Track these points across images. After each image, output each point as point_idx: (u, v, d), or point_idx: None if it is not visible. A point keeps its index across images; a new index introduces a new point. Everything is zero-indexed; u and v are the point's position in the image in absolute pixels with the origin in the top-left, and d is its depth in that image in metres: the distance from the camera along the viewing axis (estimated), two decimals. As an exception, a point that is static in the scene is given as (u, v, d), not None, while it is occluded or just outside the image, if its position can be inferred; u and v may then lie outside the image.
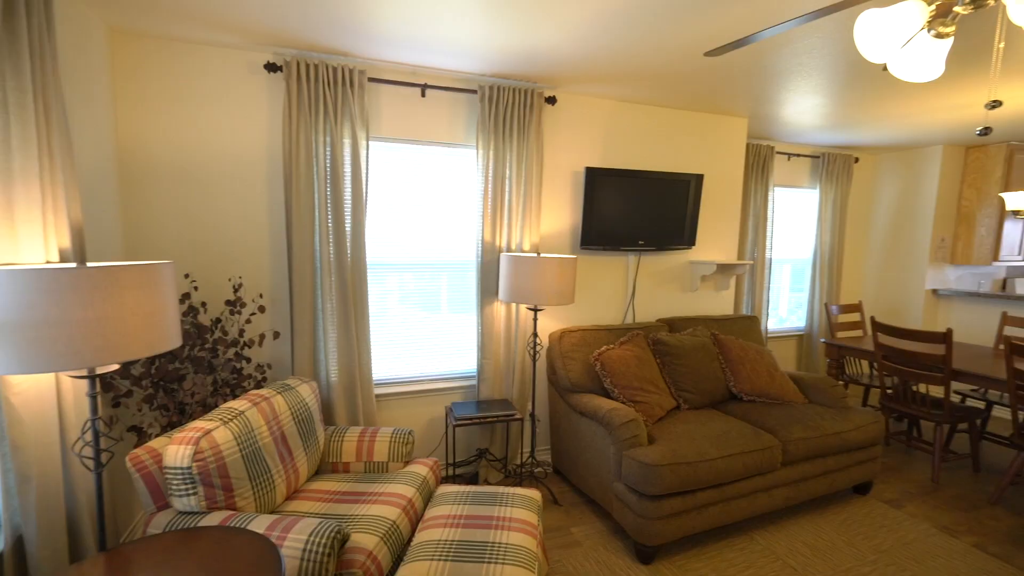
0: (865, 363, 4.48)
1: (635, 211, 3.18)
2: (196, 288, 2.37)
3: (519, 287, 2.57)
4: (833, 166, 4.52)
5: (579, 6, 1.91)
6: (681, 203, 3.31)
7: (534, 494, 2.03)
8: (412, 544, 1.69)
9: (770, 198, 4.21)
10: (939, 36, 1.18)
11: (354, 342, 2.56)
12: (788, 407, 2.83)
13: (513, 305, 2.93)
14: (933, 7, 1.13)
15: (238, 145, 2.45)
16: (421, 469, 2.20)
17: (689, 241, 3.39)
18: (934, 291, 4.66)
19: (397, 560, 1.78)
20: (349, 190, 2.51)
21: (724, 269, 3.59)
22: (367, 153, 2.53)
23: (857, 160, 4.74)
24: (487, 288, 2.86)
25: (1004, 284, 5.03)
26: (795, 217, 4.68)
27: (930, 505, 2.80)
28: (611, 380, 2.66)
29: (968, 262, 4.52)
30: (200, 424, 1.67)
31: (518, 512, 1.87)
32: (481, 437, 2.99)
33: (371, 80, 2.58)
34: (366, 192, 2.56)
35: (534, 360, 2.81)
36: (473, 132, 2.88)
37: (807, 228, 4.74)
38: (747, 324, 3.49)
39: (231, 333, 2.48)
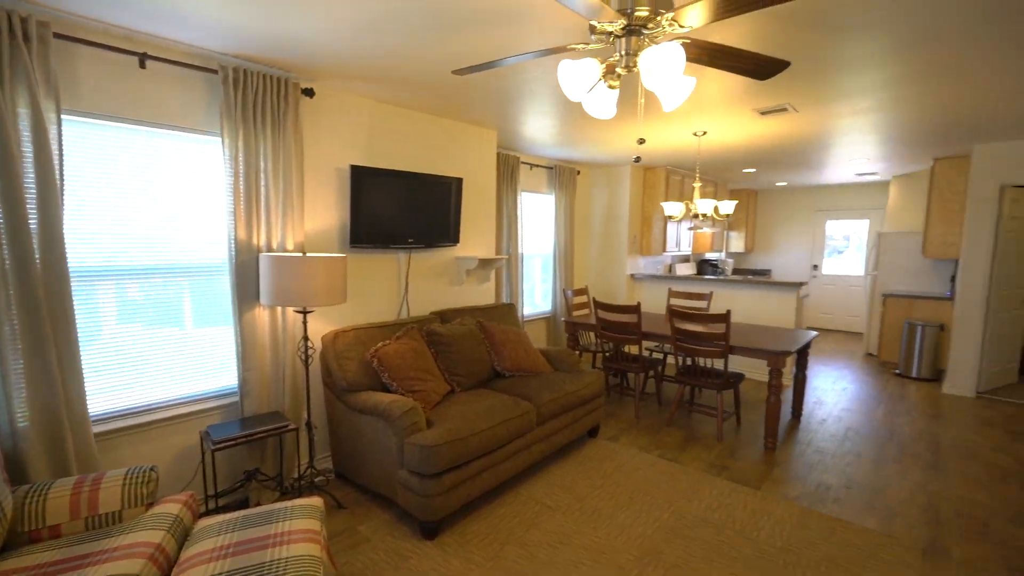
0: (592, 334, 5.65)
1: (403, 210, 3.31)
2: None
3: (284, 289, 2.41)
4: (563, 176, 5.52)
5: (325, 6, 1.92)
6: (445, 203, 3.59)
7: (315, 501, 1.97)
8: (167, 591, 1.46)
9: (518, 201, 4.89)
10: (611, 87, 1.63)
11: (55, 372, 2.00)
12: (540, 377, 3.40)
13: (279, 309, 2.72)
14: (604, 65, 1.56)
15: None
16: (171, 508, 1.89)
17: (454, 238, 3.71)
18: (632, 275, 6.17)
19: (146, 618, 1.51)
20: (32, 176, 1.94)
21: (485, 263, 4.04)
22: (59, 130, 2.00)
23: (579, 172, 5.90)
24: (245, 292, 2.59)
25: (671, 268, 6.98)
26: (540, 218, 5.56)
27: (634, 435, 3.75)
28: (389, 374, 2.74)
29: (650, 253, 6.13)
30: None
31: (299, 523, 1.80)
32: (250, 457, 2.70)
33: (61, 37, 2.04)
34: (61, 180, 2.02)
35: (307, 365, 2.68)
36: (216, 118, 2.55)
37: (549, 227, 5.68)
38: (506, 311, 4.01)
39: None
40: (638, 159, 2.08)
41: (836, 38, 2.19)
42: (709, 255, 7.96)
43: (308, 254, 2.48)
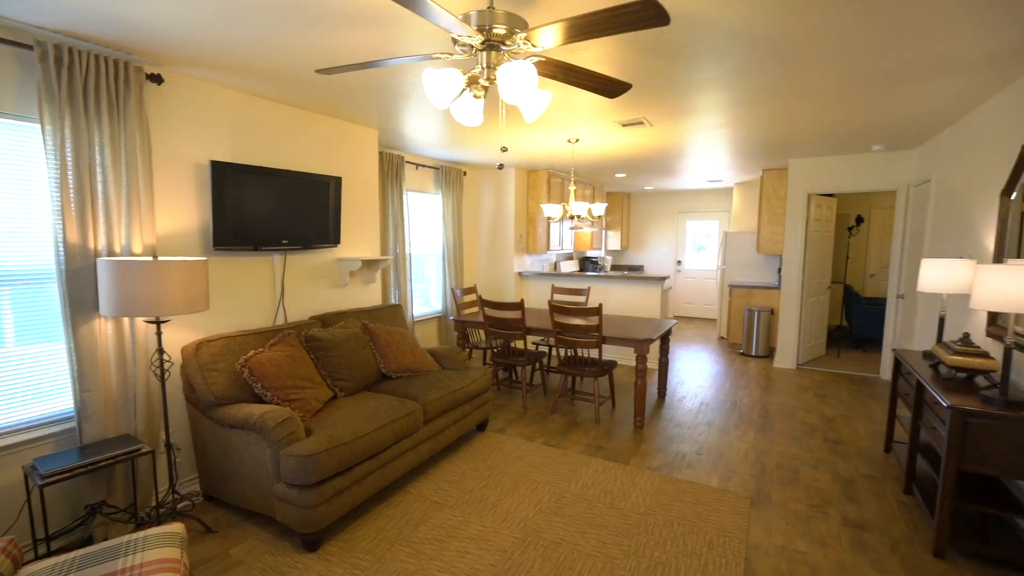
0: (482, 332, 5.79)
1: (276, 210, 3.13)
2: None
3: (132, 297, 2.16)
4: (449, 177, 5.57)
5: (181, -11, 1.77)
6: (323, 203, 3.45)
7: (174, 528, 1.81)
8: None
9: (405, 201, 4.85)
10: (476, 96, 1.73)
11: None
12: (428, 376, 3.43)
13: (126, 320, 2.43)
14: (467, 76, 1.66)
15: None
16: (-16, 557, 1.61)
17: (334, 239, 3.58)
18: (520, 273, 6.43)
19: None
20: None
21: (369, 264, 3.96)
22: None
23: (465, 173, 6.00)
24: (81, 302, 2.27)
25: (556, 266, 7.39)
26: (430, 217, 5.56)
27: (522, 424, 3.95)
28: (262, 384, 2.58)
29: (536, 252, 6.44)
30: None
31: (154, 554, 1.65)
32: (94, 489, 2.37)
33: None
34: None
35: (163, 381, 2.43)
36: (32, 101, 2.20)
37: (438, 227, 5.69)
38: (392, 312, 3.97)
39: None
40: (501, 166, 2.22)
41: (675, 64, 2.52)
42: (590, 253, 8.56)
43: (160, 258, 2.25)
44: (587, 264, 8.18)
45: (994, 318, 2.66)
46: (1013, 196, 2.57)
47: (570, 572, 2.20)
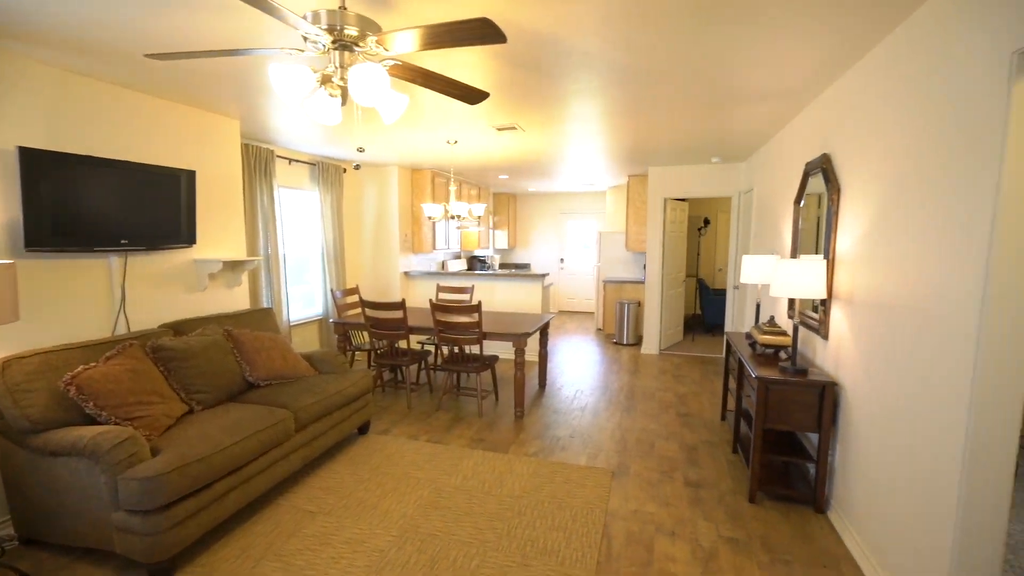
0: (366, 333, 5.64)
1: (112, 205, 2.78)
2: None
3: (-96, 310, 1.79)
4: (327, 173, 5.34)
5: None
6: (173, 199, 3.13)
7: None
8: None
9: (276, 198, 4.56)
10: (331, 95, 1.72)
11: None
12: (301, 381, 3.27)
13: None
14: (320, 74, 1.65)
15: None
16: None
17: (188, 239, 3.26)
18: (406, 273, 6.36)
19: None
20: None
21: (233, 266, 3.67)
22: None
23: (345, 170, 5.78)
24: None
25: (444, 265, 7.43)
26: (307, 216, 5.26)
27: (406, 424, 3.94)
28: (95, 403, 2.29)
29: (422, 251, 6.42)
30: None
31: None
32: None
33: None
34: None
35: (-44, 407, 2.04)
36: None
37: (316, 226, 5.42)
38: (262, 316, 3.72)
39: None
40: (358, 166, 2.22)
41: (539, 77, 2.71)
42: (478, 252, 8.73)
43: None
44: (475, 263, 8.33)
45: (792, 303, 3.26)
46: (801, 204, 3.18)
47: (445, 561, 2.27)
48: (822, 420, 2.53)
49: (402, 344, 6.14)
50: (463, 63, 2.52)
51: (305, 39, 1.59)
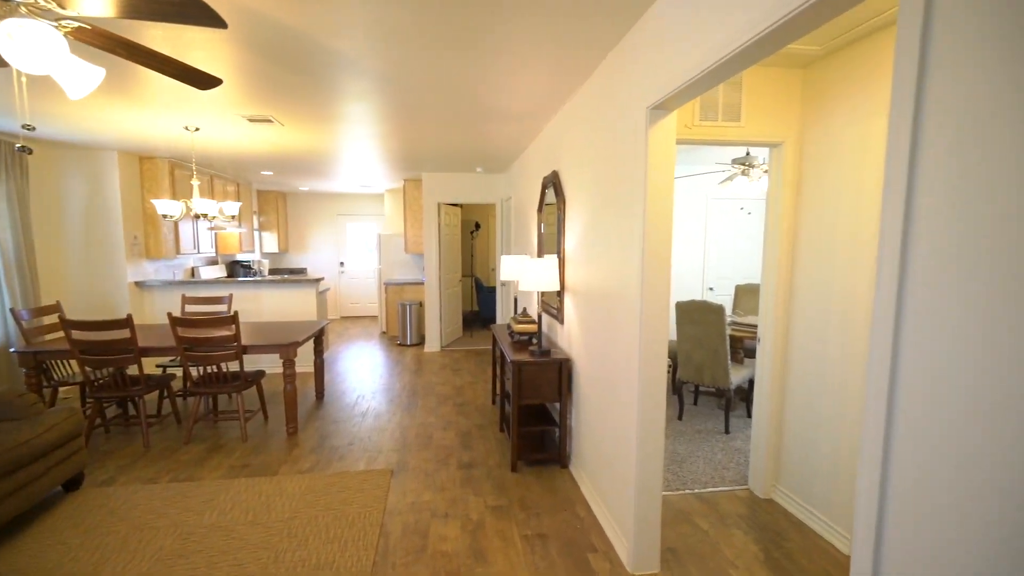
0: (76, 362, 4.42)
1: None
2: None
3: None
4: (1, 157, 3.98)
5: None
6: None
7: None
8: None
9: None
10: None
11: None
12: (-44, 438, 2.39)
13: None
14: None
15: None
16: None
17: None
18: (137, 283, 5.19)
19: None
20: None
21: None
22: None
23: (31, 151, 4.39)
24: None
25: (194, 272, 6.32)
26: (-48, 211, 3.80)
27: (142, 466, 3.24)
28: None
29: (160, 256, 5.33)
30: None
31: None
32: None
33: None
34: None
35: None
36: None
37: (-25, 225, 3.97)
38: None
39: None
40: (23, 148, 1.78)
41: (294, 72, 2.55)
42: (240, 256, 7.68)
43: None
44: (238, 269, 7.31)
45: (540, 295, 3.83)
46: (541, 212, 3.77)
47: (193, 611, 1.98)
48: (561, 391, 3.06)
49: (133, 371, 4.99)
50: (199, 45, 2.21)
51: (-80, -26, 1.18)
